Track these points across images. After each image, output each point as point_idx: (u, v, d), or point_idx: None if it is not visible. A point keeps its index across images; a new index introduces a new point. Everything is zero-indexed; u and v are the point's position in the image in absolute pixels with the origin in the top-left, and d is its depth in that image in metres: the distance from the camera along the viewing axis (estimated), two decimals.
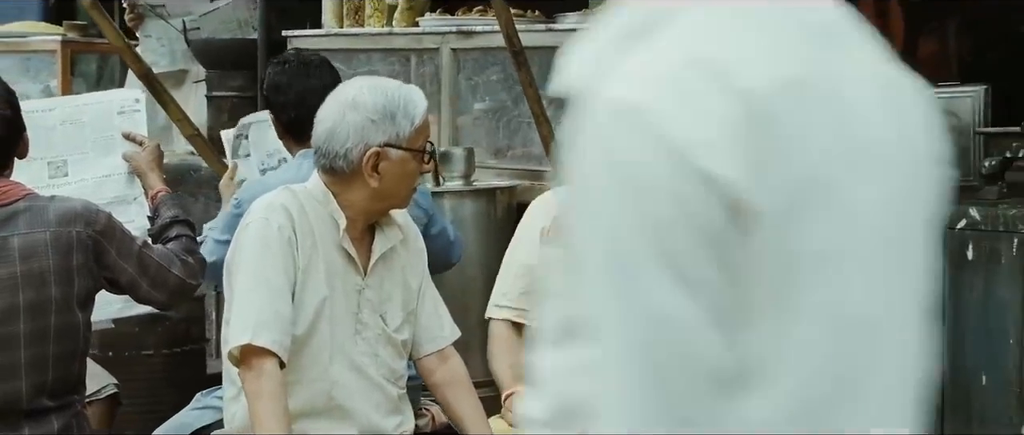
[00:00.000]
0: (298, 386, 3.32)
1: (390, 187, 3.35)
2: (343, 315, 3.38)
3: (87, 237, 3.54)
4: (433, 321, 3.59)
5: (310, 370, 3.34)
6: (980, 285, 4.78)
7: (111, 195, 4.12)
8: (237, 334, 3.21)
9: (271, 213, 3.29)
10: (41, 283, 3.48)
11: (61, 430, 3.54)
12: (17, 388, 3.47)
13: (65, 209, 3.56)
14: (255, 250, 3.28)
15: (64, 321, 3.52)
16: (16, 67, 7.73)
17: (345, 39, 5.98)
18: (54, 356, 3.52)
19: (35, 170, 4.06)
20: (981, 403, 4.78)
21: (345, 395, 3.38)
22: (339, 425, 3.38)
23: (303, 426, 3.32)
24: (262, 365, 3.18)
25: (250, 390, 3.20)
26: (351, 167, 3.31)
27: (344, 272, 3.38)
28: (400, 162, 3.33)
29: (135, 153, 4.16)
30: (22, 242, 3.48)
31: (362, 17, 5.92)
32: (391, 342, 3.46)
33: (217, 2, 6.86)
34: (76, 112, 4.26)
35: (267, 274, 3.25)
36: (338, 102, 3.34)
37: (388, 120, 3.30)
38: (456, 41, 5.49)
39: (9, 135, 3.57)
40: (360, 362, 3.40)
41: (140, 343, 5.60)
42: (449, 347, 3.61)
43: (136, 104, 4.26)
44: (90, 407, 4.45)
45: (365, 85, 3.38)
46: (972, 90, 5.30)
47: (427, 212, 4.19)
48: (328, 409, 3.37)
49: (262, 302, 3.23)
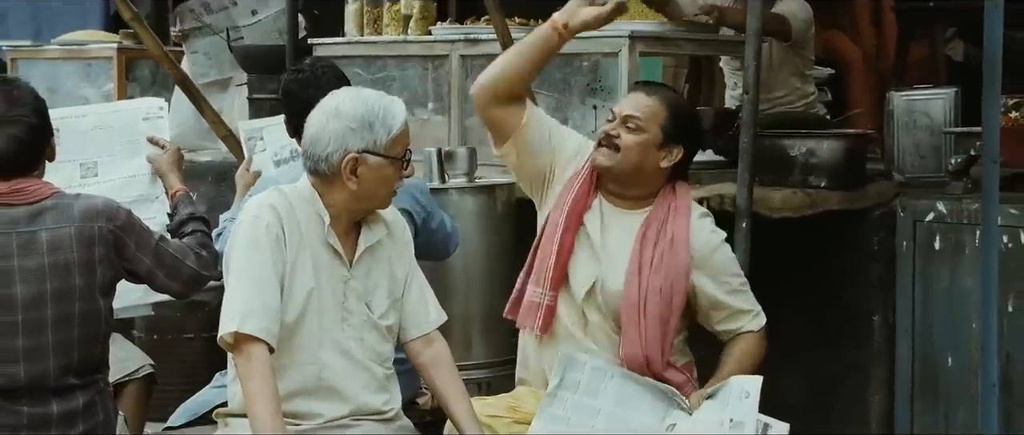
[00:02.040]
0: (291, 369, 3.41)
1: (368, 190, 3.43)
2: (330, 304, 3.45)
3: (108, 231, 3.66)
4: (419, 307, 3.66)
5: (301, 354, 3.42)
6: (946, 274, 4.84)
7: (135, 194, 4.23)
8: (227, 323, 3.31)
9: (261, 212, 3.38)
10: (66, 273, 3.60)
11: (86, 405, 3.66)
12: (45, 368, 3.60)
13: (88, 206, 3.68)
14: (245, 246, 3.37)
15: (87, 308, 3.65)
16: (78, 72, 7.95)
17: (364, 46, 6.03)
18: (78, 339, 3.64)
19: (68, 170, 4.20)
20: (947, 383, 4.84)
21: (334, 376, 3.45)
22: (329, 404, 3.46)
23: (296, 405, 3.41)
24: (251, 350, 3.28)
25: (241, 373, 3.31)
26: (332, 170, 3.40)
27: (330, 265, 3.46)
28: (377, 167, 3.40)
29: (157, 156, 4.29)
30: (49, 236, 3.60)
31: (380, 26, 5.97)
32: (376, 327, 3.54)
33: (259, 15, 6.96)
34: (106, 118, 4.38)
35: (255, 268, 3.34)
36: (323, 111, 3.43)
37: (367, 128, 3.38)
38: (464, 48, 5.55)
39: (38, 140, 3.68)
40: (347, 346, 3.48)
41: (181, 327, 5.75)
42: (434, 331, 3.68)
43: (160, 111, 4.38)
44: (128, 386, 4.64)
45: (348, 96, 3.45)
46: (944, 92, 5.35)
47: (426, 208, 4.27)
48: (319, 389, 3.45)
49: (250, 294, 3.31)
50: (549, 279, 3.85)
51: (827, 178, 4.99)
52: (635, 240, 3.86)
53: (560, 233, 3.86)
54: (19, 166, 3.63)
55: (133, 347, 4.81)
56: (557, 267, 3.84)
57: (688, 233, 3.88)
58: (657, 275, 3.81)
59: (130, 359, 4.67)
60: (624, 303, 3.81)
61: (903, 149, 5.33)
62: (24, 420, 3.58)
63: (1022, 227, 4.64)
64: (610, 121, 3.91)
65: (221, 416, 3.58)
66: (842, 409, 5.23)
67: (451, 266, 4.67)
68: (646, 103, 3.89)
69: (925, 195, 5.00)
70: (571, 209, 3.88)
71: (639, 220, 3.89)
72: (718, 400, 3.75)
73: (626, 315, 3.81)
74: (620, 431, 3.70)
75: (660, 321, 3.82)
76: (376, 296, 3.54)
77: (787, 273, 5.16)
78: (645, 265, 3.82)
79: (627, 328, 3.81)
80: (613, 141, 3.86)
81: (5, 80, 3.82)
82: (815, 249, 5.21)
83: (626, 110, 3.89)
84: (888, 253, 5.04)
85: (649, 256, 3.83)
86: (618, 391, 3.76)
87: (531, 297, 3.88)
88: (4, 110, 3.62)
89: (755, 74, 4.71)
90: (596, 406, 3.74)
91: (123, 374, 4.60)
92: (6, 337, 3.56)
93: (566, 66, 5.19)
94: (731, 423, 3.66)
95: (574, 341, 3.86)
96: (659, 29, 5.23)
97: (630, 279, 3.82)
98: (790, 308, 5.18)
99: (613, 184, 3.92)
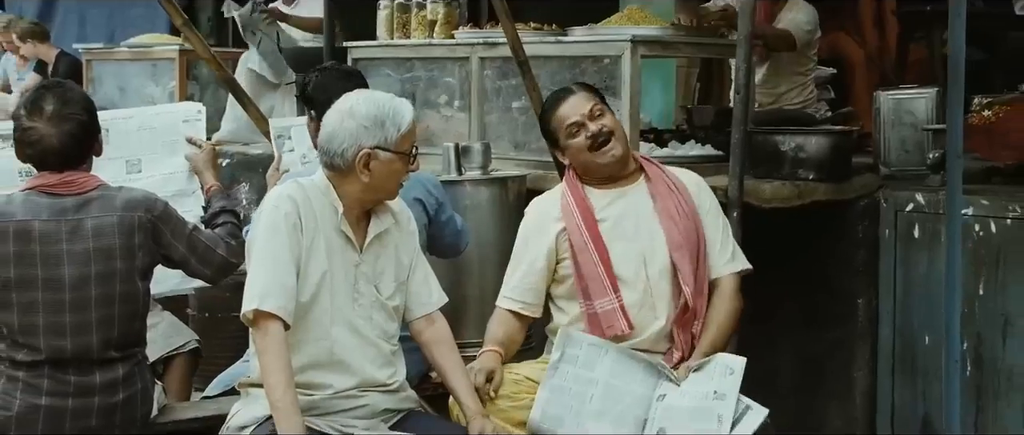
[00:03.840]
0: (305, 344, 3.50)
1: (379, 182, 3.52)
2: (342, 285, 3.54)
3: (147, 221, 3.80)
4: (423, 290, 3.75)
5: (314, 330, 3.51)
6: (924, 260, 4.90)
7: (174, 189, 4.32)
8: (248, 301, 3.41)
9: (280, 202, 3.47)
10: (108, 257, 3.74)
11: (125, 376, 3.80)
12: (89, 342, 3.74)
13: (129, 197, 3.82)
14: (265, 232, 3.46)
15: (127, 289, 3.79)
16: (145, 72, 8.09)
17: (394, 49, 6.13)
18: (119, 316, 3.77)
19: (116, 167, 4.31)
20: (924, 360, 4.91)
21: (344, 351, 3.54)
22: (339, 376, 3.55)
23: (309, 376, 3.51)
24: (268, 326, 3.38)
25: (259, 346, 3.41)
26: (347, 165, 3.49)
27: (343, 250, 3.55)
28: (387, 162, 3.50)
29: (195, 154, 4.39)
30: (94, 224, 3.74)
31: (408, 30, 6.07)
32: (384, 308, 3.62)
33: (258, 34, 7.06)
34: (150, 120, 4.47)
35: (274, 252, 3.43)
36: (338, 111, 3.52)
37: (378, 127, 3.47)
38: (483, 51, 5.63)
39: (87, 136, 3.82)
40: (357, 324, 3.56)
41: (230, 306, 5.78)
42: (436, 312, 3.76)
43: (198, 114, 4.47)
44: (176, 359, 4.72)
45: (361, 97, 3.54)
46: (926, 92, 5.39)
47: (438, 199, 4.34)
48: (330, 363, 3.54)
49: (269, 275, 3.41)
50: (608, 285, 3.91)
51: (815, 171, 5.05)
52: (653, 200, 3.98)
53: (591, 243, 3.93)
54: (70, 160, 3.77)
55: (181, 324, 4.89)
56: (608, 273, 3.91)
57: (681, 181, 4.04)
58: (685, 218, 3.94)
59: (178, 335, 4.76)
60: (671, 247, 3.90)
61: (890, 144, 5.37)
62: (71, 388, 3.72)
63: (992, 217, 4.70)
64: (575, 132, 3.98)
65: (243, 386, 3.67)
66: (830, 384, 5.28)
67: (470, 253, 4.72)
68: (585, 95, 4.04)
69: (906, 187, 5.05)
70: (584, 221, 3.95)
71: (641, 190, 4.00)
72: (704, 373, 3.83)
73: (678, 257, 3.89)
74: (615, 400, 3.77)
75: (695, 257, 3.93)
76: (384, 279, 3.63)
77: (779, 259, 5.21)
78: (674, 213, 3.94)
79: (683, 270, 3.89)
80: (603, 133, 3.96)
81: (59, 83, 3.94)
82: (805, 237, 5.26)
83: (582, 108, 3.99)
84: (871, 241, 5.10)
85: (673, 206, 3.95)
86: (613, 365, 3.84)
87: (603, 308, 3.91)
88: (58, 109, 3.74)
89: (746, 76, 4.78)
90: (593, 378, 3.81)
91: (171, 348, 4.69)
92: (55, 313, 3.69)
93: (574, 67, 5.26)
94: (715, 395, 3.73)
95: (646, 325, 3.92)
96: (659, 34, 5.30)
97: (669, 228, 3.92)
98: (782, 292, 5.26)
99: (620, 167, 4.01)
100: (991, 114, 4.84)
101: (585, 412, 3.75)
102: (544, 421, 3.73)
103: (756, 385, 4.65)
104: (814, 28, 6.17)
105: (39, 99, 3.77)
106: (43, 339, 3.70)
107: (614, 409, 3.76)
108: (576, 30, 5.40)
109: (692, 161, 5.32)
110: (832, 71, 6.66)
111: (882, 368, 5.09)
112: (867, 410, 5.15)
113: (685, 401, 3.76)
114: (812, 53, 6.27)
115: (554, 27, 5.55)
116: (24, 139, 3.76)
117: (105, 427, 3.76)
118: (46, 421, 3.71)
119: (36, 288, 3.69)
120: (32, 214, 3.70)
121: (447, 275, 4.76)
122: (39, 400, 3.71)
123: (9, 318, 3.71)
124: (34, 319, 3.70)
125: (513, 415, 3.79)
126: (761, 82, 6.10)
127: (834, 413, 5.27)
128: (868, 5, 7.19)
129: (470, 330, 4.83)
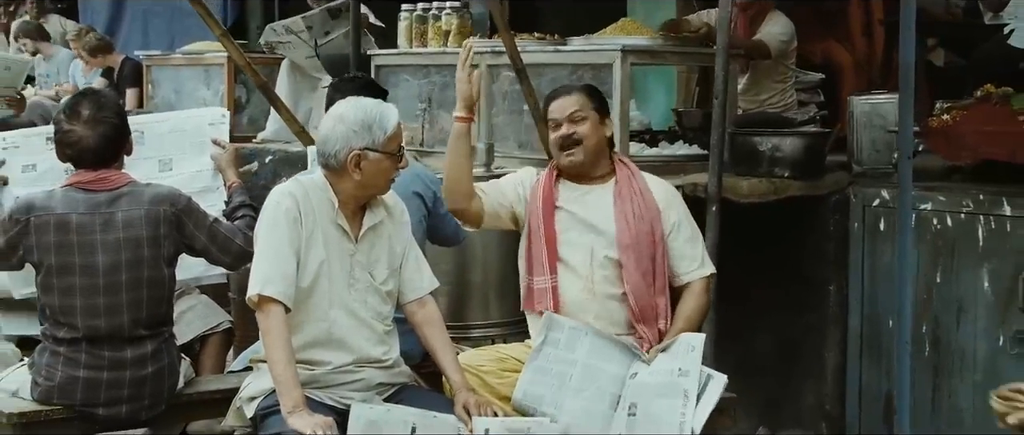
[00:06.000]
0: (306, 324, 3.62)
1: (370, 179, 3.63)
2: (339, 272, 3.64)
3: (172, 214, 3.92)
4: (415, 275, 3.83)
5: (314, 312, 3.62)
6: (889, 251, 4.97)
7: (200, 185, 4.42)
8: (251, 286, 3.53)
9: (281, 198, 3.59)
10: (137, 246, 3.86)
11: (153, 352, 3.92)
12: (120, 321, 3.86)
13: (156, 193, 3.94)
14: (268, 225, 3.58)
15: (154, 274, 3.90)
16: (197, 76, 8.20)
17: (412, 56, 6.24)
18: (147, 299, 3.89)
19: (150, 165, 4.43)
20: (888, 342, 4.98)
21: (342, 331, 3.64)
22: (337, 353, 3.65)
23: (310, 354, 3.62)
24: (270, 309, 3.50)
25: (262, 327, 3.53)
26: (339, 165, 3.60)
27: (339, 241, 3.65)
28: (376, 161, 3.61)
29: (219, 154, 4.49)
30: (124, 216, 3.87)
31: (425, 39, 6.17)
32: (378, 292, 3.72)
33: (331, 34, 7.17)
34: (180, 123, 4.59)
35: (275, 243, 3.55)
36: (331, 117, 3.64)
37: (366, 130, 3.58)
38: (491, 59, 5.71)
39: (118, 137, 3.95)
40: (353, 307, 3.66)
41: None
42: (427, 295, 3.85)
43: (223, 118, 4.58)
44: (211, 338, 4.80)
45: (351, 104, 3.65)
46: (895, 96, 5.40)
47: (436, 193, 4.40)
48: (329, 341, 3.64)
49: (271, 263, 3.53)
50: (547, 265, 4.01)
51: (790, 169, 5.12)
52: (614, 200, 4.05)
53: (542, 226, 4.03)
54: (104, 158, 3.90)
55: (216, 306, 4.96)
56: (550, 253, 4.01)
57: (649, 186, 4.10)
58: (640, 221, 4.01)
59: (214, 316, 4.85)
60: (619, 247, 3.97)
61: (862, 144, 5.43)
62: (105, 362, 3.85)
63: (948, 212, 4.76)
64: (554, 127, 4.09)
65: (254, 361, 3.80)
66: (804, 364, 5.37)
67: (473, 243, 4.80)
68: (573, 99, 4.10)
69: (874, 184, 5.12)
70: (544, 205, 4.05)
71: (609, 190, 4.08)
72: (670, 353, 3.91)
73: (624, 256, 3.97)
74: (592, 379, 3.86)
75: (651, 258, 4.00)
76: (378, 266, 3.72)
77: (758, 250, 5.31)
78: (630, 215, 4.01)
79: (627, 268, 3.97)
80: (572, 138, 4.05)
81: (93, 91, 4.08)
82: (782, 230, 5.35)
83: (566, 111, 4.08)
84: (842, 233, 5.18)
85: (629, 208, 4.02)
86: (591, 347, 3.92)
87: (539, 285, 4.02)
88: (94, 113, 3.88)
89: (723, 83, 4.85)
90: (574, 359, 3.89)
91: (207, 328, 4.79)
92: (90, 296, 3.83)
93: (573, 74, 5.34)
94: (680, 372, 3.80)
95: (584, 308, 3.99)
96: (647, 44, 5.38)
97: (620, 228, 4.00)
98: (760, 280, 5.35)
99: (583, 170, 4.09)
100: (950, 118, 4.89)
101: (565, 389, 3.83)
102: (526, 398, 3.82)
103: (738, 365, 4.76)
104: (790, 39, 6.22)
105: (76, 105, 3.91)
106: (80, 319, 3.83)
107: (591, 386, 3.84)
108: (575, 40, 5.48)
109: (679, 160, 5.41)
110: (821, 76, 6.70)
111: (851, 350, 5.16)
112: (837, 388, 5.24)
113: (654, 378, 3.83)
114: (790, 62, 6.32)
115: (556, 37, 5.63)
116: (63, 140, 3.91)
117: (135, 397, 3.89)
118: (84, 391, 3.84)
119: (74, 274, 3.82)
120: (70, 208, 3.84)
121: (452, 263, 4.89)
122: (78, 372, 3.84)
123: (51, 300, 3.85)
124: (72, 301, 3.83)
125: (500, 391, 3.88)
126: (744, 89, 6.17)
127: (808, 390, 5.36)
128: (857, 15, 7.22)
129: (474, 313, 4.94)
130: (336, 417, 3.50)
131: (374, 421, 3.52)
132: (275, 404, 3.53)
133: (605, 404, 3.82)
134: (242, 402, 3.72)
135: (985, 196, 4.68)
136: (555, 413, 3.76)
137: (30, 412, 3.86)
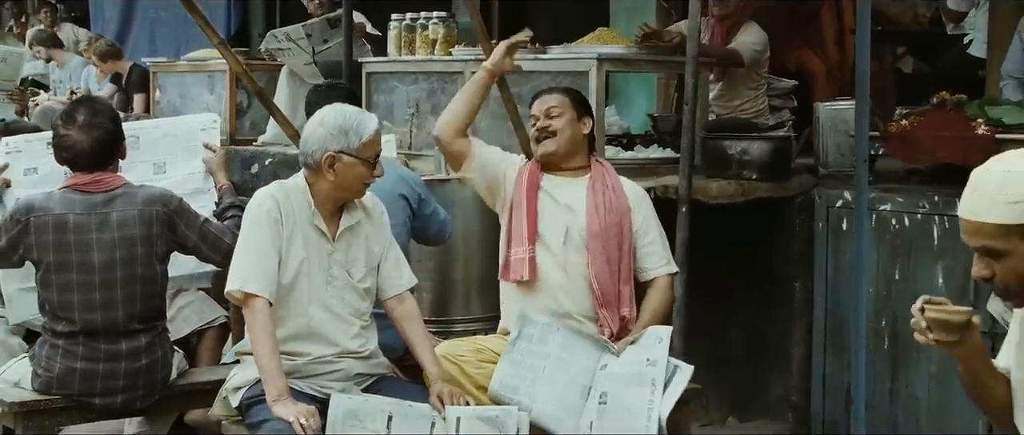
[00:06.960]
0: (288, 319, 3.70)
1: (344, 182, 3.70)
2: (317, 271, 3.72)
3: (164, 214, 4.00)
4: (394, 273, 3.90)
5: (295, 308, 3.70)
6: (851, 249, 5.02)
7: (192, 187, 4.49)
8: (231, 281, 3.63)
9: (263, 200, 3.68)
10: (131, 244, 3.95)
11: (147, 344, 4.00)
12: (116, 315, 3.95)
13: (149, 194, 4.03)
14: (250, 225, 3.68)
15: (147, 271, 3.99)
16: (201, 82, 8.27)
17: (400, 64, 6.30)
18: (140, 294, 3.98)
19: (145, 168, 4.50)
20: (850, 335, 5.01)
21: (321, 325, 3.73)
22: (317, 345, 3.73)
23: (292, 346, 3.71)
24: (254, 304, 3.59)
25: (247, 321, 3.63)
26: (316, 166, 3.69)
27: (317, 240, 3.73)
28: (350, 165, 3.68)
29: (209, 158, 4.56)
30: (119, 216, 3.95)
31: (413, 48, 6.24)
32: (355, 289, 3.80)
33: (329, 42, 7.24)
34: (173, 128, 4.66)
35: (256, 242, 3.64)
36: (312, 120, 3.74)
37: (343, 135, 3.67)
38: (475, 66, 5.59)
39: (112, 141, 4.04)
40: (330, 303, 3.74)
41: None
42: (406, 292, 3.92)
43: (213, 123, 4.65)
44: (207, 332, 4.92)
45: (332, 110, 3.74)
46: None
47: (420, 195, 4.48)
48: (310, 335, 3.73)
49: (252, 260, 3.62)
50: (526, 237, 4.12)
51: (758, 171, 5.20)
52: (587, 193, 4.18)
53: (525, 201, 4.16)
54: (99, 162, 3.99)
55: (213, 302, 5.01)
56: (530, 225, 4.13)
57: (622, 184, 4.23)
58: (610, 213, 4.13)
59: (210, 311, 4.95)
60: (589, 234, 4.10)
61: (827, 148, 5.50)
62: (101, 354, 3.94)
63: (905, 212, 4.84)
64: (533, 122, 4.25)
65: (239, 353, 3.89)
66: (771, 357, 5.45)
67: (456, 240, 4.86)
68: (553, 97, 4.27)
69: (837, 186, 5.20)
70: (528, 184, 4.19)
71: (584, 182, 4.21)
72: (639, 345, 3.99)
73: (592, 242, 4.10)
74: (565, 370, 3.94)
75: (617, 247, 4.12)
76: (356, 265, 3.79)
77: (727, 249, 5.39)
78: (600, 206, 4.14)
79: (594, 254, 4.09)
80: (547, 130, 4.20)
81: (89, 98, 4.18)
82: (751, 230, 5.42)
83: (545, 106, 4.24)
84: (807, 233, 5.25)
85: (601, 200, 4.15)
86: (563, 341, 4.00)
87: (516, 255, 4.14)
88: (89, 118, 3.98)
89: (693, 89, 4.94)
90: (546, 352, 3.97)
91: (203, 322, 4.90)
92: (87, 292, 3.92)
93: (553, 81, 5.37)
94: (648, 362, 3.89)
95: (556, 285, 4.10)
96: (622, 52, 5.46)
97: (590, 217, 4.13)
98: (729, 277, 5.43)
99: (558, 162, 4.23)
100: (908, 123, 4.97)
101: (538, 380, 3.91)
102: (502, 389, 3.90)
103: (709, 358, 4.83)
104: (763, 49, 6.29)
105: (73, 111, 4.02)
106: (77, 313, 3.92)
107: (563, 377, 3.92)
108: (554, 49, 5.56)
109: (653, 162, 5.49)
110: (793, 83, 6.77)
111: (816, 344, 5.24)
112: (803, 380, 5.31)
113: (623, 368, 3.92)
114: (763, 70, 6.39)
115: (536, 45, 5.69)
116: (61, 145, 4.01)
117: (130, 387, 3.97)
118: (81, 381, 3.94)
119: (71, 271, 3.91)
120: (67, 209, 3.93)
121: (435, 261, 4.96)
122: (75, 364, 3.93)
123: (49, 296, 3.95)
124: (70, 297, 3.92)
125: (478, 380, 3.97)
126: (719, 95, 6.24)
127: (775, 382, 5.44)
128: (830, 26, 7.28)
129: (457, 308, 5.01)
130: (317, 406, 3.59)
131: (352, 410, 3.61)
132: (259, 393, 3.61)
133: (577, 394, 3.90)
134: (228, 392, 3.80)
135: (940, 197, 4.76)
136: (529, 403, 3.84)
137: (30, 401, 3.95)
